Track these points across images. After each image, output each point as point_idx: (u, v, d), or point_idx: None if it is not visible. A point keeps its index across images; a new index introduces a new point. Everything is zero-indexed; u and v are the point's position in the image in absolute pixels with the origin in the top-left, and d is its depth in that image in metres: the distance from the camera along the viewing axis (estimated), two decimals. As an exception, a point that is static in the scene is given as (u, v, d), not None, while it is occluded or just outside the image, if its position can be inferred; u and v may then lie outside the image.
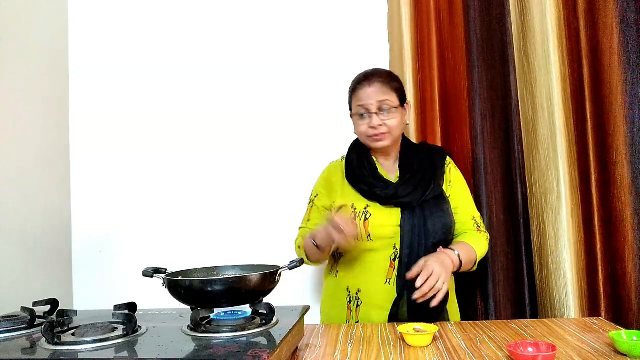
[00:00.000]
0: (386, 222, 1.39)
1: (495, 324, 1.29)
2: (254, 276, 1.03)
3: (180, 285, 1.03)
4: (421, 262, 1.27)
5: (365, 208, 1.42)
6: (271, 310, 1.02)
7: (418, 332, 1.11)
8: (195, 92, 2.06)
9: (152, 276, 1.12)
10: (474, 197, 1.80)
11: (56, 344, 0.90)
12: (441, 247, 1.35)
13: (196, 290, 1.01)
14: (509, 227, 1.79)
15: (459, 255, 1.33)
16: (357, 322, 1.38)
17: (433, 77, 1.85)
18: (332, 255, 1.55)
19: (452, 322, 1.32)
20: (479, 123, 1.82)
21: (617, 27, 1.66)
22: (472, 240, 1.43)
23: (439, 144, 1.83)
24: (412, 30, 1.87)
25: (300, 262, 1.21)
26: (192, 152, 2.04)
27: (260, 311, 1.05)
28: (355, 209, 1.43)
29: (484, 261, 1.78)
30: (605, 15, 1.68)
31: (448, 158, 1.53)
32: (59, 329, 0.99)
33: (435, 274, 1.23)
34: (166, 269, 1.14)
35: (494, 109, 1.82)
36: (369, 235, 1.39)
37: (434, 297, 1.24)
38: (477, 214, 1.51)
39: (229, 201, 2.02)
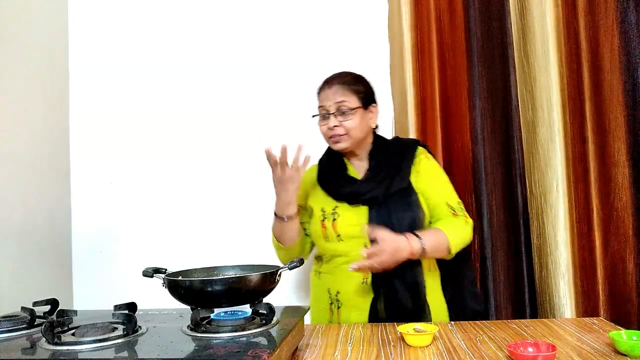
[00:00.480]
0: (354, 221, 1.39)
1: (495, 324, 1.29)
2: (254, 276, 1.03)
3: (180, 285, 1.03)
4: (382, 234, 1.26)
5: (333, 209, 1.43)
6: (271, 310, 1.02)
7: (418, 332, 1.11)
8: (196, 92, 2.06)
9: (152, 276, 1.12)
10: (473, 197, 1.80)
11: (56, 344, 0.90)
12: (409, 232, 1.31)
13: (196, 290, 1.01)
14: (508, 227, 1.79)
15: (423, 244, 1.29)
16: (339, 323, 1.38)
17: (433, 77, 1.85)
18: (315, 257, 1.55)
19: (452, 322, 1.32)
20: (479, 123, 1.82)
21: (618, 27, 1.66)
22: (446, 226, 1.38)
23: (440, 144, 1.83)
24: (413, 30, 1.87)
25: (300, 262, 1.20)
26: (192, 152, 2.04)
27: (260, 311, 1.05)
28: (324, 210, 1.44)
29: (483, 261, 1.78)
30: (606, 16, 1.68)
31: (420, 149, 1.49)
32: (59, 329, 0.98)
33: (380, 260, 1.24)
34: (166, 269, 1.14)
35: (494, 109, 1.82)
36: (339, 235, 1.40)
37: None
38: (454, 200, 1.45)
39: (229, 201, 2.02)
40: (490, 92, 1.82)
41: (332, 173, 1.48)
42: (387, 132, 1.93)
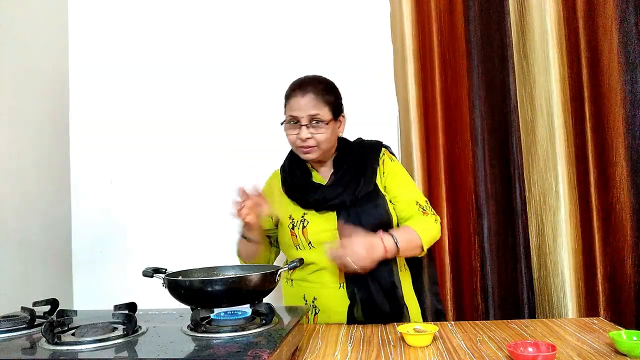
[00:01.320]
0: (324, 227, 1.37)
1: (495, 324, 1.29)
2: (254, 276, 1.03)
3: (180, 285, 1.03)
4: (350, 233, 1.25)
5: (302, 216, 1.40)
6: (271, 310, 1.02)
7: (418, 332, 1.11)
8: (196, 92, 2.06)
9: (152, 276, 1.12)
10: (473, 197, 1.81)
11: (56, 344, 0.90)
12: (381, 230, 1.31)
13: (196, 290, 1.01)
14: (507, 227, 1.79)
15: (396, 242, 1.29)
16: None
17: (434, 77, 1.86)
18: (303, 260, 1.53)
19: (452, 322, 1.32)
20: (478, 123, 1.82)
21: (617, 27, 1.66)
22: (416, 224, 1.37)
23: (441, 144, 1.83)
24: (414, 31, 1.87)
25: (300, 262, 1.21)
26: (192, 152, 2.04)
27: (260, 311, 1.05)
28: (293, 218, 1.41)
29: (483, 261, 1.78)
30: (605, 16, 1.68)
31: (383, 150, 1.48)
32: (59, 329, 0.99)
33: (352, 261, 1.22)
34: (166, 269, 1.14)
35: (493, 109, 1.83)
36: (310, 242, 1.38)
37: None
38: (422, 198, 1.45)
39: (229, 201, 2.02)
40: (489, 92, 1.83)
41: (296, 180, 1.45)
42: (392, 132, 1.93)
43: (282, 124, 1.42)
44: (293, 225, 1.41)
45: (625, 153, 1.65)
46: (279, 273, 1.08)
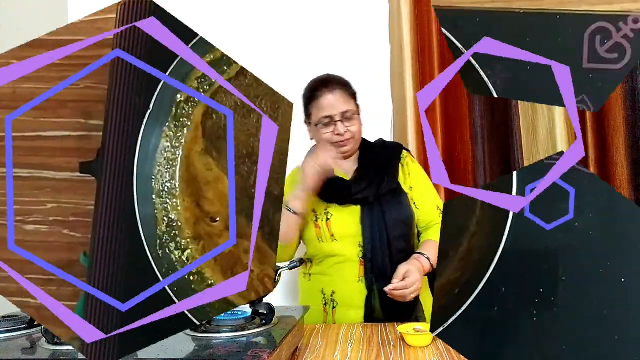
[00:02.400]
0: (347, 220, 1.40)
1: (495, 324, 1.29)
2: (254, 276, 1.03)
3: (180, 285, 1.03)
4: (402, 269, 1.30)
5: (325, 209, 1.43)
6: (271, 310, 1.02)
7: (418, 332, 1.11)
8: (195, 92, 2.06)
9: (152, 276, 1.12)
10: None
11: (56, 344, 0.90)
12: (416, 254, 1.37)
13: (196, 290, 1.01)
14: (508, 227, 1.79)
15: (430, 261, 1.36)
16: (334, 323, 1.38)
17: (434, 76, 1.85)
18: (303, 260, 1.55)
19: (452, 322, 1.32)
20: (478, 123, 1.82)
21: (617, 27, 1.66)
22: (438, 235, 1.44)
23: (440, 144, 1.84)
24: (413, 30, 1.87)
25: (300, 262, 1.21)
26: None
27: (260, 311, 1.05)
28: (315, 212, 1.44)
29: (483, 261, 1.78)
30: (605, 16, 1.68)
31: (405, 152, 1.53)
32: (59, 329, 0.98)
33: (413, 287, 1.28)
34: (166, 269, 1.14)
35: (493, 109, 1.82)
36: (333, 235, 1.40)
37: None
38: (440, 202, 1.52)
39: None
40: (490, 92, 1.83)
41: None
42: (387, 132, 1.93)
43: (310, 124, 1.46)
44: (316, 217, 1.43)
45: (626, 152, 1.65)
46: (279, 273, 1.08)
